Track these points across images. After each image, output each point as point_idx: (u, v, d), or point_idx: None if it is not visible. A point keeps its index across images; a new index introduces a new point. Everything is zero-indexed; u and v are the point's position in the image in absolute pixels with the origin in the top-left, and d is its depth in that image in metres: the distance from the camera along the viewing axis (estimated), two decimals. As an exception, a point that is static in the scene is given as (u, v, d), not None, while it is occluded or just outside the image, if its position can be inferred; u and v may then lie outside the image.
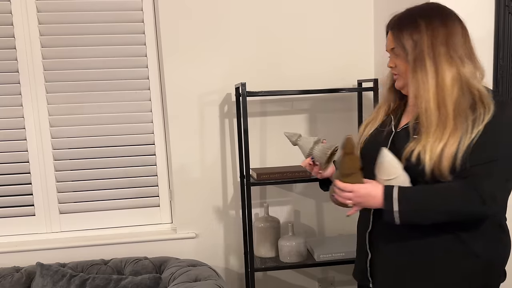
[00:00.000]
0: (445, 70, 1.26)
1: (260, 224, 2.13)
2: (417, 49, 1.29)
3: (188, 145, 2.21)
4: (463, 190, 1.22)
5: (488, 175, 1.21)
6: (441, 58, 1.27)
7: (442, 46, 1.27)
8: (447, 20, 1.30)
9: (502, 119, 1.22)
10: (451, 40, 1.28)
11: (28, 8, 2.10)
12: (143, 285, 1.84)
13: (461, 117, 1.24)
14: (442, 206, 1.24)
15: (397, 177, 1.29)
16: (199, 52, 2.17)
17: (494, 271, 1.34)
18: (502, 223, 1.34)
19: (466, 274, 1.30)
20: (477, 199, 1.21)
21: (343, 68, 2.25)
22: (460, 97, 1.25)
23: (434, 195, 1.25)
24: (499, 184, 1.23)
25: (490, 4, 1.85)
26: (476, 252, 1.29)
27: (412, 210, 1.26)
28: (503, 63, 1.88)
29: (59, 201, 2.23)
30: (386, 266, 1.40)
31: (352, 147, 1.34)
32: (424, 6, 1.37)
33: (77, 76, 2.17)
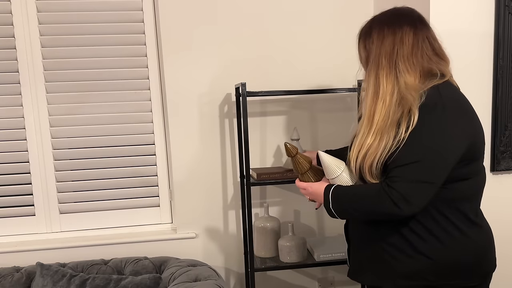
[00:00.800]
0: (383, 82, 1.34)
1: (260, 224, 2.13)
2: (368, 59, 1.40)
3: (188, 145, 2.21)
4: (376, 192, 1.29)
5: (402, 177, 1.25)
6: (382, 70, 1.34)
7: (385, 58, 1.34)
8: (397, 29, 1.35)
9: (424, 124, 1.25)
10: (395, 51, 1.33)
11: (28, 8, 2.10)
12: (143, 285, 1.84)
13: (386, 128, 1.30)
14: (359, 206, 1.36)
15: (338, 176, 1.44)
16: (199, 52, 2.17)
17: (457, 270, 1.34)
18: (470, 218, 1.35)
19: (415, 271, 1.35)
20: (388, 200, 1.26)
21: (343, 68, 2.25)
22: (391, 109, 1.31)
23: (355, 195, 1.37)
24: (413, 186, 1.25)
25: (490, 4, 1.85)
26: (423, 252, 1.33)
27: (340, 207, 1.39)
28: (503, 63, 1.88)
29: (59, 201, 2.23)
30: (353, 255, 1.55)
31: (291, 151, 1.54)
32: (386, 12, 1.43)
33: (77, 76, 2.17)
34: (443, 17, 1.82)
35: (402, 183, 1.25)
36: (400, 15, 1.39)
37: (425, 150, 1.25)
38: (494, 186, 1.94)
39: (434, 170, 1.26)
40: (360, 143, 1.35)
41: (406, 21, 1.35)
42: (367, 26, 1.44)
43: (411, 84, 1.30)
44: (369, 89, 1.37)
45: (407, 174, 1.25)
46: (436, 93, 1.28)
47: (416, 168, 1.25)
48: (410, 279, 1.35)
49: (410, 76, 1.31)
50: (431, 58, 1.34)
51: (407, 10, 1.41)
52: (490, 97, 1.92)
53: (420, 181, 1.25)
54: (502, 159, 1.95)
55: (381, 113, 1.32)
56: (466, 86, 1.56)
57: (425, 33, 1.35)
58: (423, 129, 1.25)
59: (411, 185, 1.25)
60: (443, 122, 1.26)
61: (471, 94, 1.49)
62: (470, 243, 1.34)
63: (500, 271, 1.51)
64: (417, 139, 1.25)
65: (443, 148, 1.25)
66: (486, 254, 1.39)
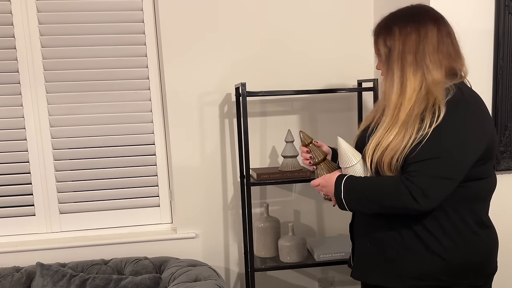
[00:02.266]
0: (410, 78, 1.32)
1: (260, 224, 2.13)
2: (390, 55, 1.37)
3: (188, 145, 2.21)
4: (394, 185, 1.28)
5: (422, 172, 1.25)
6: (407, 67, 1.32)
7: (410, 54, 1.32)
8: (421, 25, 1.33)
9: (449, 120, 1.25)
10: (421, 48, 1.32)
11: (28, 8, 2.10)
12: (143, 285, 1.84)
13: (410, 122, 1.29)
14: (374, 198, 1.32)
15: (353, 166, 1.40)
16: (199, 52, 2.17)
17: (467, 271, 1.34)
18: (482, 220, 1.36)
19: (427, 271, 1.34)
20: (407, 194, 1.25)
21: (343, 68, 2.25)
22: (415, 104, 1.30)
23: (370, 186, 1.34)
24: (433, 181, 1.25)
25: (490, 4, 1.85)
26: (438, 253, 1.32)
27: (353, 199, 1.36)
28: (503, 63, 1.88)
29: (59, 201, 2.23)
30: (358, 255, 1.51)
31: (306, 139, 1.57)
32: (404, 10, 1.41)
33: (77, 76, 2.17)
34: (443, 17, 1.82)
35: (422, 177, 1.25)
36: (421, 11, 1.37)
37: (446, 147, 1.25)
38: (494, 186, 1.94)
39: (454, 167, 1.26)
40: (380, 137, 1.33)
41: (428, 18, 1.34)
42: (386, 22, 1.40)
43: (438, 80, 1.30)
44: (393, 86, 1.34)
45: (427, 169, 1.25)
46: (459, 91, 1.29)
47: (437, 164, 1.25)
48: (421, 279, 1.35)
49: (437, 72, 1.31)
50: (452, 55, 1.34)
51: (427, 7, 1.40)
52: (490, 97, 1.91)
53: (440, 176, 1.25)
54: (502, 159, 1.95)
55: (405, 109, 1.30)
56: (466, 86, 1.57)
57: (447, 29, 1.35)
58: (447, 126, 1.25)
59: (430, 180, 1.25)
60: (466, 120, 1.27)
61: (471, 94, 1.50)
62: (481, 243, 1.35)
63: (501, 270, 1.51)
64: (439, 135, 1.25)
65: (465, 146, 1.26)
66: (493, 254, 1.40)
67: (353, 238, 1.57)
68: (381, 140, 1.32)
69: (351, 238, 1.58)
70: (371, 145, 1.35)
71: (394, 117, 1.32)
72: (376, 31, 1.42)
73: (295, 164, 2.08)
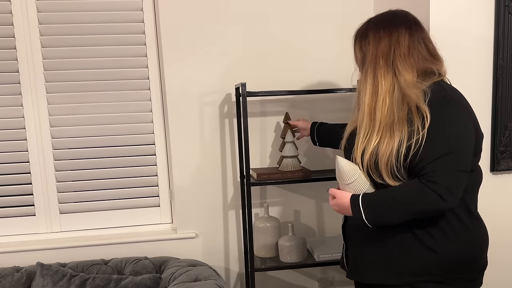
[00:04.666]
0: (381, 80, 1.37)
1: (260, 224, 2.13)
2: (364, 59, 1.43)
3: (188, 145, 2.21)
4: (417, 190, 1.29)
5: (441, 170, 1.27)
6: (379, 69, 1.38)
7: (382, 58, 1.38)
8: (393, 30, 1.39)
9: (442, 116, 1.29)
10: (392, 51, 1.38)
11: (28, 8, 2.10)
12: (143, 285, 1.84)
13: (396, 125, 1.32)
14: (402, 209, 1.32)
15: (354, 181, 1.40)
16: (199, 52, 2.17)
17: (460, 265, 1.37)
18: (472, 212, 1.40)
19: (422, 267, 1.36)
20: (433, 195, 1.27)
21: (343, 68, 2.25)
22: (392, 106, 1.34)
23: (392, 200, 1.33)
24: (453, 177, 1.28)
25: (490, 4, 1.85)
26: (431, 248, 1.35)
27: (377, 215, 1.36)
28: (503, 63, 1.88)
29: (59, 201, 2.23)
30: (352, 255, 1.54)
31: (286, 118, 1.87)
32: (381, 15, 1.48)
33: (77, 76, 2.17)
34: (443, 17, 1.82)
35: (442, 175, 1.27)
36: (396, 17, 1.43)
37: (453, 141, 1.28)
38: (494, 186, 1.94)
39: (465, 159, 1.30)
40: (363, 142, 1.37)
41: (402, 23, 1.40)
42: (363, 28, 1.48)
43: (410, 81, 1.35)
44: (366, 88, 1.40)
45: (445, 166, 1.27)
46: (441, 88, 1.35)
47: (451, 159, 1.27)
48: (417, 275, 1.37)
49: (408, 74, 1.36)
50: (426, 58, 1.40)
51: (402, 12, 1.46)
52: (490, 97, 1.92)
53: (458, 170, 1.28)
54: (502, 159, 1.94)
55: (382, 111, 1.35)
56: (466, 86, 1.57)
57: (420, 34, 1.40)
58: (445, 121, 1.29)
59: (451, 176, 1.27)
60: (459, 113, 1.32)
61: (471, 94, 1.50)
62: (472, 237, 1.38)
63: (501, 270, 1.51)
64: (442, 131, 1.28)
65: (467, 137, 1.31)
66: (484, 249, 1.43)
67: (345, 239, 1.59)
68: (366, 145, 1.37)
69: (344, 238, 1.60)
70: (358, 150, 1.39)
71: (372, 120, 1.37)
72: (354, 38, 1.50)
73: (295, 164, 2.08)
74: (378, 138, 1.34)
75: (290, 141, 2.09)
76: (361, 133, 1.40)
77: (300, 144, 2.23)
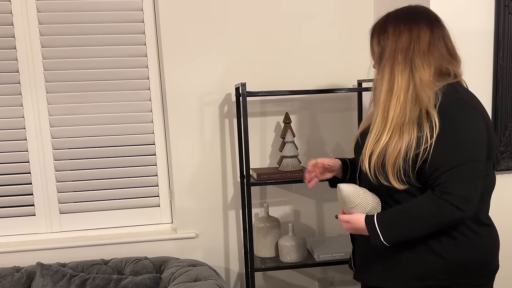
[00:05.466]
0: (398, 78, 1.33)
1: (260, 224, 2.13)
2: (382, 54, 1.38)
3: (188, 145, 2.21)
4: (432, 204, 1.26)
5: (456, 180, 1.24)
6: (397, 66, 1.33)
7: (401, 53, 1.33)
8: (414, 26, 1.34)
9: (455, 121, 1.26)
10: (411, 47, 1.33)
11: (28, 8, 2.10)
12: (143, 285, 1.84)
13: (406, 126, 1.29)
14: (420, 225, 1.29)
15: (358, 204, 1.39)
16: (199, 52, 2.17)
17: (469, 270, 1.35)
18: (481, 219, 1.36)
19: (428, 271, 1.34)
20: (450, 207, 1.24)
21: (343, 68, 2.25)
22: (406, 106, 1.30)
23: (408, 217, 1.30)
24: (469, 185, 1.25)
25: (490, 4, 1.85)
26: (438, 252, 1.33)
27: (395, 234, 1.32)
28: (503, 63, 1.88)
29: (59, 201, 2.23)
30: (359, 257, 1.52)
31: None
32: (401, 10, 1.41)
33: (77, 76, 2.17)
34: (443, 17, 1.81)
35: (457, 185, 1.24)
36: (416, 12, 1.38)
37: (467, 149, 1.25)
38: (494, 186, 1.94)
39: (479, 165, 1.27)
40: (374, 139, 1.34)
41: (423, 19, 1.35)
42: (381, 21, 1.41)
43: (425, 80, 1.30)
44: (382, 84, 1.35)
45: (459, 176, 1.24)
46: (454, 90, 1.31)
47: (466, 168, 1.25)
48: (421, 279, 1.35)
49: (425, 72, 1.31)
50: (445, 57, 1.35)
51: (423, 8, 1.40)
52: (490, 97, 1.92)
53: (473, 178, 1.26)
54: (502, 159, 1.95)
55: (395, 109, 1.31)
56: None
57: (441, 32, 1.36)
58: (458, 127, 1.26)
59: (467, 185, 1.25)
60: (472, 116, 1.28)
61: (471, 94, 1.50)
62: (481, 242, 1.35)
63: (502, 270, 1.51)
64: (455, 138, 1.25)
65: (480, 143, 1.28)
66: (494, 253, 1.41)
67: (353, 240, 1.57)
68: (375, 145, 1.33)
69: (352, 240, 1.58)
70: (368, 148, 1.35)
71: (384, 118, 1.33)
72: (371, 31, 1.44)
73: (295, 164, 2.08)
74: (388, 138, 1.31)
75: (290, 141, 2.08)
76: (372, 132, 1.36)
77: (300, 144, 2.23)
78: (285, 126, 2.13)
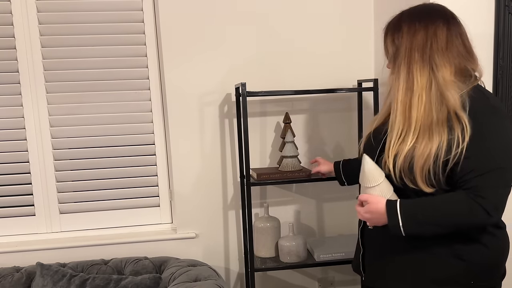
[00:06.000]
0: (416, 76, 1.29)
1: (260, 224, 2.13)
2: (397, 53, 1.34)
3: (188, 145, 2.21)
4: (466, 204, 1.22)
5: (489, 186, 1.21)
6: (414, 63, 1.30)
7: (418, 52, 1.30)
8: (430, 23, 1.31)
9: (488, 127, 1.23)
10: (428, 45, 1.30)
11: (28, 8, 2.10)
12: (143, 285, 1.84)
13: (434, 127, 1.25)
14: (446, 220, 1.25)
15: (379, 185, 1.32)
16: (199, 52, 2.17)
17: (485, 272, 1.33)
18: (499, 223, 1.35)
19: (448, 275, 1.31)
20: (482, 211, 1.21)
21: (343, 68, 2.25)
22: (431, 105, 1.27)
23: (438, 209, 1.25)
24: (501, 193, 1.23)
25: (490, 4, 1.85)
26: (459, 255, 1.30)
27: (415, 224, 1.26)
28: (503, 63, 1.88)
29: (59, 201, 2.23)
30: (372, 261, 1.47)
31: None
32: (415, 8, 1.38)
33: (77, 76, 2.17)
34: (443, 17, 1.82)
35: (490, 191, 1.21)
36: (432, 10, 1.35)
37: (501, 155, 1.23)
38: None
39: (509, 173, 1.25)
40: (398, 140, 1.29)
41: (439, 16, 1.32)
42: (395, 20, 1.38)
43: (448, 79, 1.27)
44: (399, 83, 1.32)
45: (493, 182, 1.22)
46: (482, 95, 1.28)
47: (500, 175, 1.22)
48: (442, 283, 1.32)
49: (446, 70, 1.28)
50: (463, 55, 1.32)
51: (439, 6, 1.38)
52: (490, 97, 1.91)
53: (505, 186, 1.24)
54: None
55: (418, 109, 1.27)
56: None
57: (458, 29, 1.33)
58: (492, 133, 1.23)
59: (500, 192, 1.23)
60: (504, 122, 1.25)
61: (471, 94, 1.49)
62: (497, 245, 1.34)
63: (509, 273, 1.51)
64: (489, 144, 1.22)
65: (510, 151, 1.25)
66: (506, 255, 1.39)
67: (363, 243, 1.51)
68: (401, 146, 1.28)
69: (361, 243, 1.51)
70: (391, 150, 1.30)
71: (406, 118, 1.29)
72: (385, 30, 1.40)
73: (295, 164, 2.08)
74: (415, 139, 1.26)
75: (290, 141, 2.08)
76: (393, 133, 1.31)
77: (300, 144, 2.23)
78: (285, 126, 2.13)
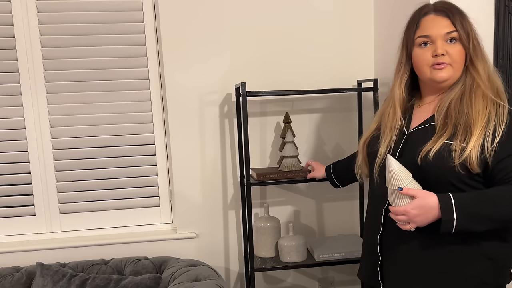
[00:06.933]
0: (487, 61, 1.34)
1: (260, 224, 2.13)
2: (469, 38, 1.33)
3: (188, 145, 2.21)
4: None
5: None
6: (480, 51, 1.34)
7: (479, 42, 1.35)
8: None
9: None
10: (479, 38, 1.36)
11: (28, 8, 2.10)
12: (143, 285, 1.84)
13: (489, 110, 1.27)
14: (499, 214, 1.22)
15: (409, 183, 1.27)
16: (199, 52, 2.17)
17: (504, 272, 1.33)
18: None
19: (476, 276, 1.29)
20: None
21: (343, 68, 2.25)
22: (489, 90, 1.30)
23: (491, 203, 1.22)
24: None
25: (490, 4, 1.85)
26: (487, 254, 1.28)
27: (468, 219, 1.21)
28: (503, 63, 1.88)
29: (59, 201, 2.23)
30: (397, 268, 1.39)
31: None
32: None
33: (77, 76, 2.17)
34: (443, 17, 1.82)
35: None
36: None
37: None
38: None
39: None
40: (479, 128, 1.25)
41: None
42: (452, 6, 1.37)
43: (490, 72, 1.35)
44: (483, 68, 1.33)
45: None
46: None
47: None
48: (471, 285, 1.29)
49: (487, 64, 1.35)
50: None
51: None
52: (490, 97, 1.91)
53: None
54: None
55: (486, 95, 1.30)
56: (466, 86, 1.56)
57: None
58: None
59: None
60: None
61: (471, 94, 1.49)
62: None
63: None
64: None
65: None
66: None
67: (381, 251, 1.43)
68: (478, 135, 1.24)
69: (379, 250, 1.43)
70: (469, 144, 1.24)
71: (483, 105, 1.27)
72: (455, 10, 1.36)
73: (295, 164, 2.08)
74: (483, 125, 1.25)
75: (290, 141, 2.09)
76: (477, 123, 1.26)
77: (300, 144, 2.23)
78: (285, 126, 2.13)
